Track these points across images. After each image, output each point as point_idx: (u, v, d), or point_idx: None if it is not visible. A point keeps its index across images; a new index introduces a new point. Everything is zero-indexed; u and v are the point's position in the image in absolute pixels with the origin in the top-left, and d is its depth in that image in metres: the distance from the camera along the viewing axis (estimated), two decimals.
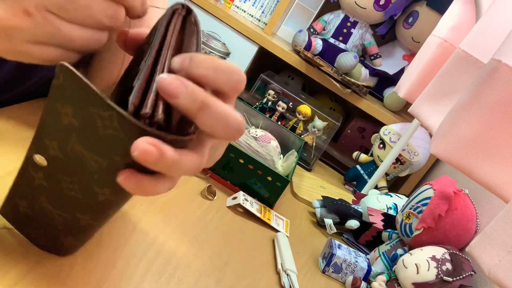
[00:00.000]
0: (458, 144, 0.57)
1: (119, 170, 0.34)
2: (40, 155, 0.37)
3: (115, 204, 0.40)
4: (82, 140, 0.34)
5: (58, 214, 0.41)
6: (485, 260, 0.45)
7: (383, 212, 0.89)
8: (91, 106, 0.32)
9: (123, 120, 0.32)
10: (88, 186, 0.37)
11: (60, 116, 0.34)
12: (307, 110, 1.16)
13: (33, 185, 0.40)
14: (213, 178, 0.84)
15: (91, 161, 0.35)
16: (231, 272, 0.62)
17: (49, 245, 0.45)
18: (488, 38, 0.69)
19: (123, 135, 0.32)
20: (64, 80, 0.32)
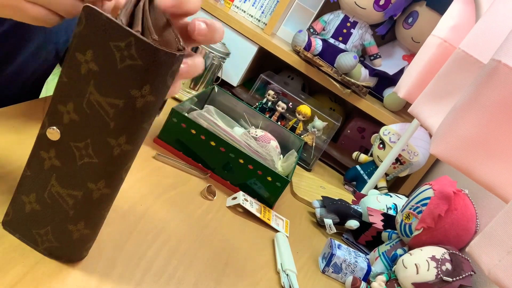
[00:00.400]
0: (457, 144, 0.57)
1: (136, 107, 0.38)
2: (54, 127, 0.40)
3: (129, 156, 0.41)
4: (100, 86, 0.38)
5: (69, 194, 0.42)
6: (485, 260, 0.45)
7: (383, 212, 0.89)
8: (111, 40, 0.36)
9: (140, 43, 0.36)
10: (103, 142, 0.39)
11: (79, 67, 0.38)
12: (307, 110, 1.16)
13: (43, 170, 0.42)
14: (213, 178, 0.84)
15: (108, 108, 0.38)
16: (231, 272, 0.62)
17: (56, 246, 0.44)
18: (488, 38, 0.69)
19: (140, 62, 0.36)
20: (86, 22, 0.36)
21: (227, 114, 1.00)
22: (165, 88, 0.40)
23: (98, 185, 0.41)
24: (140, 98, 0.38)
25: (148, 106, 0.39)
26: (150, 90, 0.38)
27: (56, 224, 0.43)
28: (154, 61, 0.37)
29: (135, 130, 0.40)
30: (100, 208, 0.43)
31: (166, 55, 0.37)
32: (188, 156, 0.83)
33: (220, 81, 1.19)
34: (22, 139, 0.59)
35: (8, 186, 0.51)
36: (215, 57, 1.10)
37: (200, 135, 0.82)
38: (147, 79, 0.37)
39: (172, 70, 0.39)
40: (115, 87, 0.38)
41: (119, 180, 0.43)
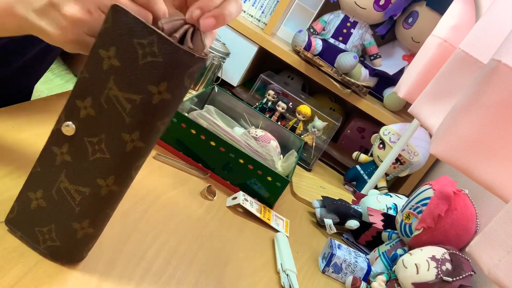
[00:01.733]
0: (457, 144, 0.57)
1: (152, 103, 0.39)
2: (70, 122, 0.41)
3: (140, 153, 0.42)
4: (119, 82, 0.39)
5: (77, 190, 0.42)
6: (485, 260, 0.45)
7: (383, 212, 0.89)
8: (135, 37, 0.38)
9: (162, 41, 0.38)
10: (117, 137, 0.41)
11: (101, 63, 0.39)
12: (307, 110, 1.16)
13: (54, 166, 0.43)
14: (213, 178, 0.84)
15: (125, 103, 0.40)
16: (231, 272, 0.62)
17: (58, 245, 0.44)
18: (488, 38, 0.69)
19: (160, 59, 0.38)
20: (112, 20, 0.38)
21: (227, 114, 1.00)
22: (182, 88, 0.41)
23: (107, 182, 0.42)
24: (156, 95, 0.40)
25: (164, 103, 0.40)
26: (167, 88, 0.40)
27: (60, 221, 0.43)
28: (174, 59, 0.39)
29: (149, 127, 0.41)
30: (106, 206, 0.44)
31: (186, 55, 0.39)
32: (188, 156, 0.83)
33: (220, 81, 1.18)
34: (22, 139, 0.59)
35: (6, 186, 0.51)
36: (215, 57, 1.10)
37: (200, 135, 0.82)
38: (165, 76, 0.39)
39: (190, 71, 0.40)
40: (134, 83, 0.39)
41: (128, 178, 0.44)
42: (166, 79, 0.39)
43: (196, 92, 1.12)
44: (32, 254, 0.45)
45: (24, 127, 0.62)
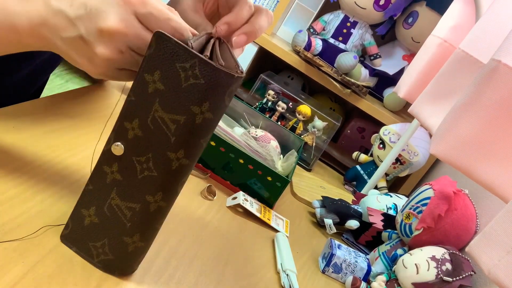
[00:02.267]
0: (457, 144, 0.57)
1: (195, 123, 0.41)
2: (119, 143, 0.43)
3: (186, 170, 0.44)
4: (164, 104, 0.41)
5: (128, 207, 0.44)
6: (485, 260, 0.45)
7: (383, 212, 0.89)
8: (177, 61, 0.40)
9: (203, 64, 0.40)
10: (163, 156, 0.42)
11: (147, 86, 0.41)
12: (307, 110, 1.15)
13: (105, 184, 0.45)
14: (213, 178, 0.84)
15: (170, 124, 0.41)
16: (231, 272, 0.62)
17: (111, 258, 0.46)
18: (488, 38, 0.69)
19: (203, 81, 0.40)
20: (156, 46, 0.40)
21: (227, 114, 1.00)
22: (223, 106, 0.43)
23: (155, 198, 0.44)
24: (199, 115, 0.41)
25: (206, 122, 0.42)
26: (209, 108, 0.41)
27: (113, 236, 0.45)
28: (215, 80, 0.40)
29: (193, 145, 0.43)
30: (155, 221, 0.46)
31: (226, 75, 0.41)
32: None
33: None
34: (22, 139, 0.59)
35: (7, 186, 0.51)
36: None
37: None
38: (207, 97, 0.41)
39: (230, 90, 0.42)
40: (178, 104, 0.41)
41: (174, 193, 0.46)
42: (208, 99, 0.41)
43: None
44: (32, 254, 0.45)
45: (24, 127, 0.62)
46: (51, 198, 0.53)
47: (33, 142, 0.60)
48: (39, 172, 0.56)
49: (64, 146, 0.63)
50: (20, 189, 0.51)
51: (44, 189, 0.54)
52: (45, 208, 0.51)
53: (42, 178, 0.55)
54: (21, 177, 0.53)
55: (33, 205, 0.50)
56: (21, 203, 0.50)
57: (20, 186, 0.52)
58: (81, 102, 0.77)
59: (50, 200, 0.53)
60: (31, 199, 0.51)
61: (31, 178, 0.54)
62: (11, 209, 0.48)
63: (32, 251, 0.45)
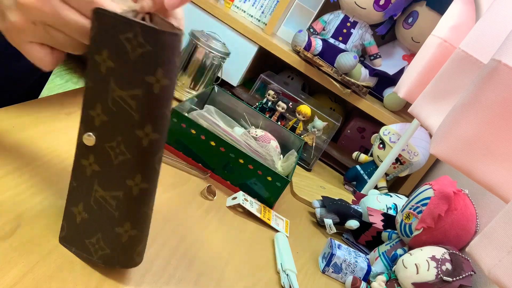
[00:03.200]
0: (458, 144, 0.57)
1: (154, 93, 0.40)
2: (89, 133, 0.42)
3: (158, 145, 0.43)
4: (119, 81, 0.40)
5: (112, 196, 0.43)
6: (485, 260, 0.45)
7: (383, 212, 0.89)
8: (120, 34, 0.39)
9: (146, 29, 0.39)
10: (132, 135, 0.42)
11: (99, 67, 0.40)
12: (307, 110, 1.15)
13: (87, 178, 0.44)
14: (213, 178, 0.84)
15: (130, 101, 0.40)
16: (231, 272, 0.62)
17: (108, 253, 0.46)
18: (488, 38, 0.69)
19: (150, 48, 0.39)
20: (97, 24, 0.39)
21: (227, 114, 1.00)
22: (175, 69, 0.42)
23: (135, 181, 0.43)
24: (156, 84, 0.40)
25: (165, 90, 0.41)
26: (163, 73, 0.40)
27: (105, 229, 0.45)
28: (161, 44, 0.39)
29: (158, 117, 0.42)
30: (142, 205, 0.45)
31: (170, 36, 0.40)
32: (188, 156, 0.83)
33: (220, 81, 1.18)
34: (22, 138, 0.59)
35: (7, 186, 0.51)
36: (215, 57, 1.10)
37: (200, 135, 0.82)
38: (158, 63, 0.40)
39: (177, 50, 0.41)
40: (132, 78, 0.40)
41: (154, 172, 0.45)
42: (159, 65, 0.40)
43: (196, 92, 1.12)
44: (32, 254, 0.45)
45: (24, 127, 0.62)
46: (51, 198, 0.53)
47: (33, 142, 0.60)
48: (39, 172, 0.56)
49: (64, 146, 0.63)
50: (20, 189, 0.51)
51: (44, 189, 0.54)
52: (45, 208, 0.51)
53: (42, 178, 0.55)
54: (21, 177, 0.53)
55: (33, 205, 0.50)
56: (21, 203, 0.50)
57: (20, 186, 0.52)
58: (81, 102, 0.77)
59: (50, 200, 0.53)
60: (31, 199, 0.51)
61: (31, 178, 0.54)
62: (11, 209, 0.48)
63: (32, 251, 0.45)
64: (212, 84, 1.12)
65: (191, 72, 1.10)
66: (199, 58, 1.09)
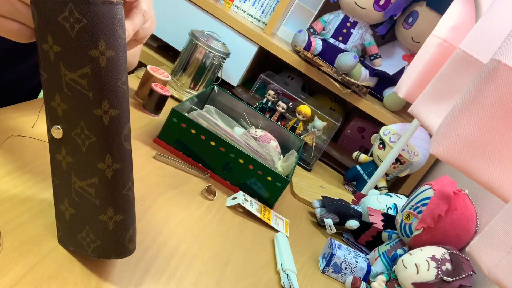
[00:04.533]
0: (458, 144, 0.57)
1: (101, 66, 0.40)
2: (56, 125, 0.42)
3: (120, 121, 0.42)
4: (67, 63, 0.40)
5: (89, 184, 0.43)
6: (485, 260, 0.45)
7: (383, 212, 0.89)
8: (58, 15, 0.39)
9: (78, 4, 0.39)
10: (91, 116, 0.41)
11: (48, 55, 0.41)
12: (307, 110, 1.15)
13: (63, 172, 0.44)
14: (213, 178, 0.84)
15: (81, 81, 0.40)
16: (231, 272, 0.62)
17: (99, 244, 0.45)
18: (488, 38, 0.69)
19: (86, 21, 0.39)
20: (37, 12, 0.40)
21: (227, 114, 1.00)
22: (119, 39, 0.42)
23: (106, 162, 0.43)
24: (101, 56, 0.40)
25: (112, 61, 0.41)
26: (106, 45, 0.40)
27: (90, 220, 0.44)
28: (97, 15, 0.39)
29: (112, 90, 0.41)
30: (119, 187, 0.44)
31: (105, 5, 0.40)
32: (188, 156, 0.83)
33: (220, 81, 1.19)
34: (22, 139, 0.60)
35: (7, 186, 0.51)
36: (215, 57, 1.10)
37: (200, 135, 0.82)
38: (98, 35, 0.40)
39: (117, 19, 0.41)
40: (78, 57, 0.40)
41: (123, 150, 0.44)
42: (100, 37, 0.40)
43: (196, 92, 1.12)
44: (32, 254, 0.45)
45: (24, 127, 0.62)
46: (51, 198, 0.53)
47: (33, 142, 0.60)
48: (39, 172, 0.56)
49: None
50: (20, 189, 0.51)
51: (44, 189, 0.54)
52: (45, 208, 0.51)
53: (42, 178, 0.55)
54: (21, 177, 0.53)
55: (33, 205, 0.50)
56: (21, 203, 0.50)
57: (20, 186, 0.52)
58: None
59: (50, 200, 0.53)
60: (31, 199, 0.51)
61: (31, 178, 0.54)
62: (11, 209, 0.48)
63: (32, 251, 0.45)
64: (212, 84, 1.12)
65: (191, 72, 1.10)
66: (199, 58, 1.09)
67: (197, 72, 1.10)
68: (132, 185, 0.46)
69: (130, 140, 0.45)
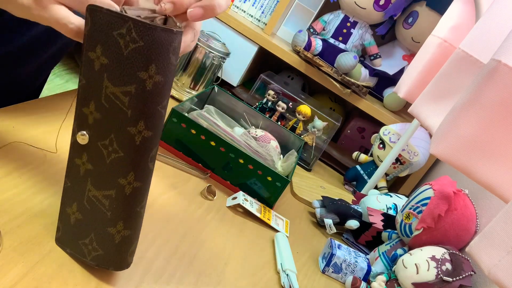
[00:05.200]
0: (458, 144, 0.57)
1: (146, 89, 0.40)
2: (82, 132, 0.42)
3: (151, 142, 0.42)
4: (112, 77, 0.40)
5: (104, 195, 0.43)
6: (485, 260, 0.45)
7: (383, 212, 0.89)
8: (113, 30, 0.39)
9: (138, 25, 0.38)
10: (125, 132, 0.41)
11: (93, 64, 0.40)
12: (307, 110, 1.15)
13: (80, 177, 0.44)
14: (213, 178, 0.84)
15: (122, 97, 0.40)
16: (231, 272, 0.62)
17: (101, 254, 0.45)
18: (488, 38, 0.69)
19: (142, 43, 0.39)
20: (91, 20, 0.39)
21: (227, 114, 1.00)
22: (170, 66, 0.42)
23: (128, 179, 0.43)
24: (148, 80, 0.40)
25: (158, 86, 0.41)
26: (156, 70, 0.40)
27: (97, 229, 0.44)
28: (154, 40, 0.39)
29: (151, 114, 0.42)
30: (134, 204, 0.44)
31: (164, 32, 0.40)
32: (188, 156, 0.83)
33: (220, 81, 1.19)
34: (22, 139, 0.60)
35: (6, 186, 0.51)
36: (215, 57, 1.10)
37: (200, 135, 0.82)
38: (151, 59, 0.39)
39: (173, 47, 0.41)
40: (125, 74, 0.40)
41: (147, 170, 0.44)
42: (153, 61, 0.40)
43: (196, 92, 1.12)
44: (32, 254, 0.45)
45: (24, 127, 0.62)
46: (51, 198, 0.53)
47: (33, 142, 0.60)
48: (38, 172, 0.56)
49: (64, 146, 0.63)
50: (20, 189, 0.51)
51: (44, 189, 0.54)
52: (45, 208, 0.51)
53: (42, 178, 0.55)
54: (21, 177, 0.53)
55: (33, 205, 0.50)
56: (21, 203, 0.50)
57: (20, 186, 0.52)
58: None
59: (50, 200, 0.53)
60: (31, 199, 0.51)
61: (31, 178, 0.54)
62: (11, 209, 0.48)
63: (32, 251, 0.45)
64: (212, 84, 1.12)
65: (191, 72, 1.10)
66: (199, 58, 1.09)
67: (197, 72, 1.10)
68: (145, 202, 0.46)
69: (155, 161, 0.45)
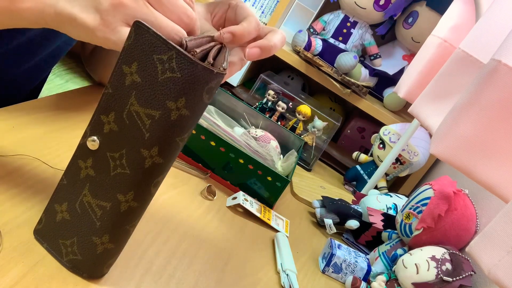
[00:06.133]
0: (458, 144, 0.57)
1: (170, 119, 0.40)
2: (94, 137, 0.42)
3: (159, 169, 0.42)
4: (140, 97, 0.40)
5: (99, 205, 0.43)
6: (485, 260, 0.45)
7: (383, 212, 0.89)
8: (155, 53, 0.39)
9: (180, 56, 0.38)
10: (137, 152, 0.41)
11: (124, 78, 0.40)
12: (307, 110, 1.15)
13: (79, 179, 0.43)
14: (213, 178, 0.84)
15: (145, 119, 0.40)
16: (231, 272, 0.62)
17: (79, 259, 0.45)
18: (488, 38, 0.69)
19: (179, 75, 0.39)
20: (135, 37, 0.39)
21: (227, 114, 1.00)
22: (201, 104, 0.41)
23: (127, 197, 0.42)
24: (175, 111, 0.40)
25: (182, 120, 0.41)
26: (185, 104, 0.40)
27: (82, 235, 0.44)
28: (192, 75, 0.39)
29: (168, 142, 0.41)
30: (126, 223, 0.44)
31: (204, 70, 0.39)
32: (188, 156, 0.83)
33: None
34: (22, 139, 0.59)
35: (6, 186, 0.51)
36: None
37: (200, 135, 0.82)
38: (183, 92, 0.39)
39: (209, 86, 0.40)
40: (154, 98, 0.39)
41: (147, 194, 0.44)
42: (184, 95, 0.39)
43: None
44: (32, 254, 0.45)
45: (24, 127, 0.62)
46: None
47: (33, 142, 0.60)
48: (38, 172, 0.56)
49: (64, 146, 0.63)
50: (20, 189, 0.51)
51: (44, 189, 0.54)
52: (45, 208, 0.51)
53: (41, 178, 0.55)
54: (21, 177, 0.53)
55: (33, 205, 0.50)
56: (21, 203, 0.50)
57: (20, 186, 0.52)
58: (81, 102, 0.77)
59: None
60: (31, 199, 0.51)
61: (30, 178, 0.54)
62: (11, 209, 0.48)
63: (32, 251, 0.45)
64: None
65: None
66: None
67: None
68: (137, 222, 0.46)
69: (158, 187, 0.45)
